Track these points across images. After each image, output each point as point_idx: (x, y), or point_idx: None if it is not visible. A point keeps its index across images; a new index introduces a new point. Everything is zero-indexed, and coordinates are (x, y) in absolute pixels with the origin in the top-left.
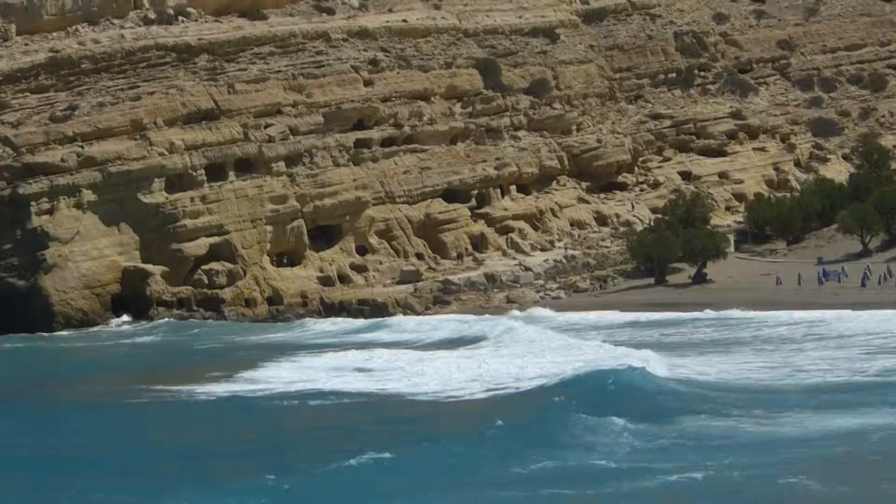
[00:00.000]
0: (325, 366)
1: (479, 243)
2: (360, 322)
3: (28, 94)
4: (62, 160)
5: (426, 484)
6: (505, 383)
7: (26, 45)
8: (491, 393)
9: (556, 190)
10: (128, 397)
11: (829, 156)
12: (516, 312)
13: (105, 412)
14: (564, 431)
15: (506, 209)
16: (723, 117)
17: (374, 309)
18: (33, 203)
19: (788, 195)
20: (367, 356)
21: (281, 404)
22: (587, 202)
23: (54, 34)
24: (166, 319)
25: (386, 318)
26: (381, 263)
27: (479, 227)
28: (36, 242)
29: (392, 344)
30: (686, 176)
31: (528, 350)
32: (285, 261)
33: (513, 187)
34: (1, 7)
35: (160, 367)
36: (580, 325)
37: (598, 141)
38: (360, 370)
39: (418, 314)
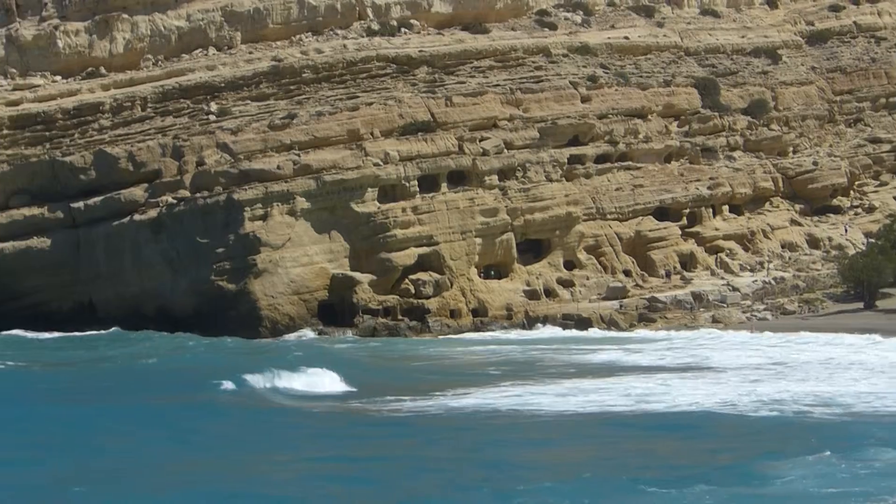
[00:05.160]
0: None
1: (687, 262)
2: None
3: (249, 101)
4: (278, 167)
5: None
6: None
7: (250, 52)
8: None
9: (769, 211)
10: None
11: None
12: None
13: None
14: None
15: (717, 229)
16: None
17: (579, 324)
18: (247, 208)
19: None
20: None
21: None
22: (799, 224)
23: (278, 43)
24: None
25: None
26: (588, 279)
27: (689, 246)
28: (247, 247)
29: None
30: None
31: None
32: (492, 273)
33: (725, 207)
34: (227, 15)
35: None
36: None
37: (815, 164)
38: None
39: (622, 331)
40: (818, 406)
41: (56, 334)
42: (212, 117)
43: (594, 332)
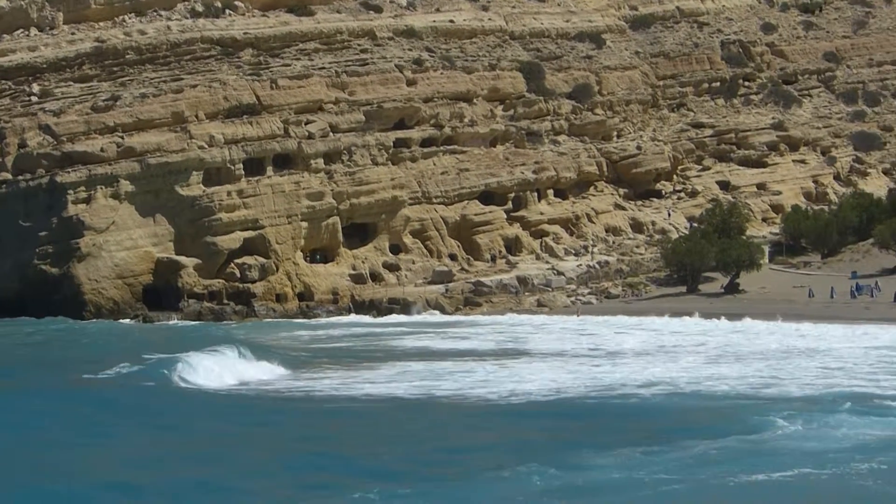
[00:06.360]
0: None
1: (513, 246)
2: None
3: (71, 83)
4: (102, 150)
5: None
6: None
7: (73, 34)
8: None
9: (594, 195)
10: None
11: (869, 170)
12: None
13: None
14: None
15: (542, 213)
16: (764, 128)
17: (404, 308)
18: (70, 192)
19: (826, 208)
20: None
21: None
22: (623, 209)
23: (101, 24)
24: None
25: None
26: (414, 263)
27: (514, 230)
28: (71, 231)
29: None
30: (724, 186)
31: None
32: (318, 257)
33: (550, 191)
34: None
35: None
36: None
37: (638, 148)
38: None
39: (448, 315)
40: (643, 389)
41: None
42: (34, 99)
43: (420, 316)
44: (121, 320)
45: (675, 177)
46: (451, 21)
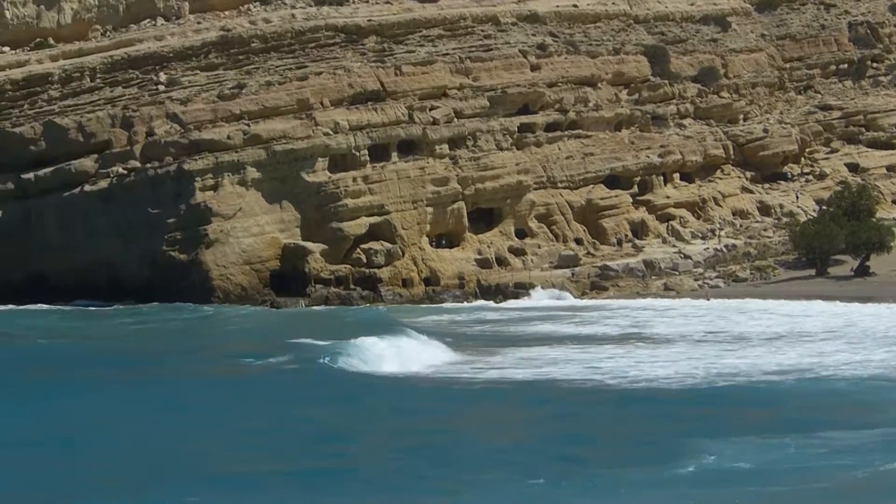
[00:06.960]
0: None
1: (639, 230)
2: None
3: (198, 71)
4: (228, 137)
5: None
6: None
7: (198, 23)
8: None
9: (720, 179)
10: None
11: None
12: None
13: None
14: None
15: (668, 197)
16: (894, 110)
17: (531, 292)
18: (198, 179)
19: None
20: None
21: None
22: (751, 192)
23: (226, 13)
24: None
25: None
26: (539, 247)
27: (640, 213)
28: (199, 217)
29: None
30: (853, 168)
31: None
32: (444, 242)
33: (676, 175)
34: None
35: None
36: None
37: (765, 131)
38: None
39: (575, 299)
40: (776, 375)
41: (11, 306)
42: (161, 87)
43: (546, 300)
44: (247, 306)
45: (802, 159)
46: (575, 6)
